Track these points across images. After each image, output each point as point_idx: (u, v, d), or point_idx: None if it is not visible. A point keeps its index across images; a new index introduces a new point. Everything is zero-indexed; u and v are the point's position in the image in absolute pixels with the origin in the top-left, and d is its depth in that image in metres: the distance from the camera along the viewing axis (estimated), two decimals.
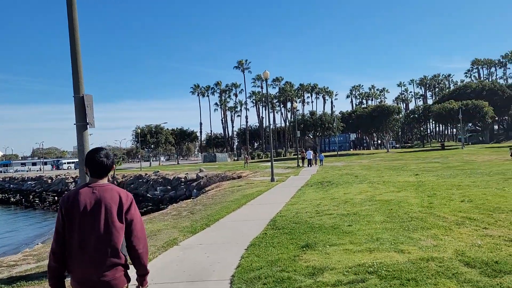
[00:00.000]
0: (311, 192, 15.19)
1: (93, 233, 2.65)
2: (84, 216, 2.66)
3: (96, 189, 2.73)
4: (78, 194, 2.73)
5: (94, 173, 2.81)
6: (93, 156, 2.81)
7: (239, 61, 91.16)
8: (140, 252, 2.76)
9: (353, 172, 26.48)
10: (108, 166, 2.83)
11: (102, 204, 2.67)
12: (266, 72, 23.40)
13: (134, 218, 2.76)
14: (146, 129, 74.51)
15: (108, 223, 2.66)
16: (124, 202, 2.73)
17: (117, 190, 2.80)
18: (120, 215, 2.71)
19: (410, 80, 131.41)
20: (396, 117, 70.53)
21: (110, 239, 2.66)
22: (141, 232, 2.80)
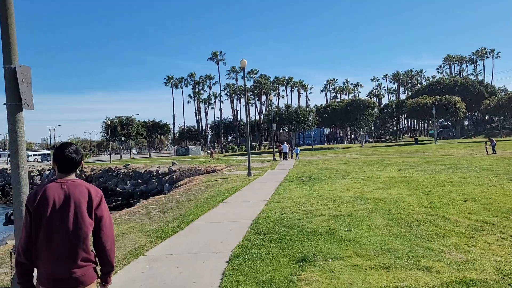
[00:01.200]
0: (293, 189, 14.05)
1: (62, 229, 2.60)
2: (53, 212, 2.60)
3: (64, 184, 2.69)
4: (46, 190, 2.68)
5: (62, 169, 2.75)
6: (62, 151, 2.74)
7: (214, 53, 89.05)
8: (108, 249, 2.72)
9: (332, 166, 25.58)
10: (77, 162, 2.78)
11: (71, 200, 2.63)
12: (243, 60, 22.07)
13: (103, 215, 2.74)
14: (117, 120, 71.71)
15: (78, 219, 2.62)
16: (93, 198, 2.70)
17: (86, 185, 2.75)
18: (89, 211, 2.66)
19: (384, 75, 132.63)
20: (371, 112, 70.45)
21: (79, 235, 2.62)
22: (110, 229, 2.77)
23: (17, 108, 4.49)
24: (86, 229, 2.64)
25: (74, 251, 2.62)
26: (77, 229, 2.62)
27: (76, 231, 2.62)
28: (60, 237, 2.60)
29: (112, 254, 2.77)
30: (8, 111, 4.50)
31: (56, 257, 2.61)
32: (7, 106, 4.49)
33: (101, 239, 2.71)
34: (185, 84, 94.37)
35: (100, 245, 2.72)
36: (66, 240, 2.61)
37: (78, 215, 2.62)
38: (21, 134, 4.53)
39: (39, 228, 2.61)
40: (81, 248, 2.64)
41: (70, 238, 2.61)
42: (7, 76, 4.48)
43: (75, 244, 2.62)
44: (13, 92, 4.46)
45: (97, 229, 2.71)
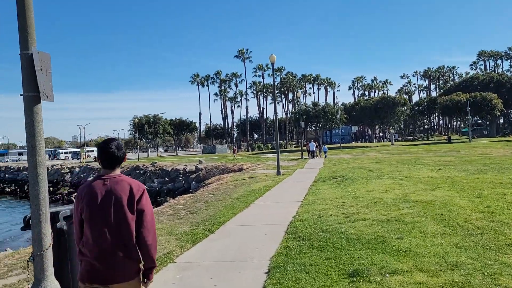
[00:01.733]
0: (327, 189, 13.30)
1: (105, 225, 2.64)
2: (96, 208, 2.66)
3: (107, 180, 2.74)
4: (91, 186, 2.74)
5: (105, 164, 2.81)
6: (105, 147, 2.81)
7: (240, 50, 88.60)
8: (149, 244, 2.68)
9: (364, 165, 24.61)
10: (119, 157, 2.82)
11: (113, 196, 2.67)
12: (272, 55, 21.40)
13: (144, 210, 2.71)
14: (144, 119, 72.31)
15: (119, 215, 2.65)
16: (135, 193, 2.70)
17: (128, 181, 2.77)
18: (131, 206, 2.67)
19: (414, 72, 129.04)
20: (402, 109, 68.39)
21: (121, 230, 2.64)
22: (151, 224, 2.73)
23: (34, 100, 3.99)
24: (127, 225, 2.65)
25: (117, 246, 2.63)
26: (118, 224, 2.65)
27: (118, 227, 2.65)
28: (102, 233, 2.64)
29: (153, 250, 2.73)
30: (24, 103, 4.00)
31: (99, 252, 2.63)
32: (23, 97, 3.99)
33: (142, 234, 2.68)
34: (211, 82, 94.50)
35: (141, 240, 2.68)
36: (108, 236, 2.64)
37: (119, 210, 2.66)
38: (39, 129, 4.02)
39: (87, 223, 2.69)
40: (124, 244, 2.65)
41: (112, 234, 2.64)
42: (23, 64, 3.98)
43: (117, 239, 2.64)
44: (30, 81, 3.96)
45: (138, 224, 2.69)
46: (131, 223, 2.67)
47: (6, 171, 70.74)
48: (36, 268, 3.86)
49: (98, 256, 2.63)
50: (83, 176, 53.83)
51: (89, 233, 2.67)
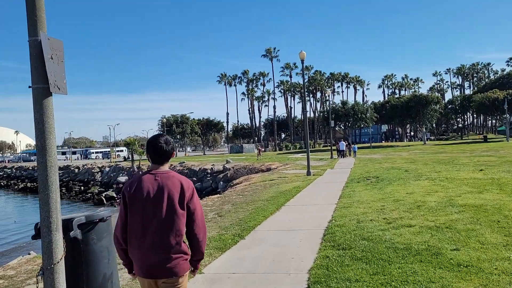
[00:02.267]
0: (363, 191, 12.53)
1: (155, 219, 2.65)
2: (147, 202, 2.68)
3: (158, 176, 2.74)
4: (141, 180, 2.74)
5: (154, 159, 2.82)
6: (153, 142, 2.82)
7: (267, 49, 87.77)
8: (200, 240, 2.75)
9: (398, 165, 23.56)
10: (168, 152, 2.82)
11: (165, 191, 2.68)
12: (302, 52, 20.70)
13: (195, 207, 2.75)
14: (172, 119, 72.78)
15: (171, 209, 2.66)
16: (185, 190, 2.72)
17: (178, 177, 2.78)
18: (181, 203, 2.69)
19: (447, 70, 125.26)
20: (435, 107, 66.02)
21: (172, 226, 2.65)
22: (202, 221, 2.79)
23: (44, 93, 3.50)
24: (179, 221, 2.66)
25: (168, 241, 2.64)
26: (170, 220, 2.65)
27: (169, 222, 2.65)
28: (152, 226, 2.65)
29: (203, 245, 2.78)
30: (33, 96, 3.51)
31: (150, 247, 2.64)
32: (32, 89, 3.52)
33: (194, 231, 2.72)
34: (238, 81, 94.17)
35: (192, 236, 2.73)
36: (158, 230, 2.64)
37: (171, 206, 2.66)
38: (49, 125, 3.54)
39: (133, 217, 2.69)
40: (174, 239, 2.65)
41: (164, 228, 2.64)
42: (32, 52, 3.50)
43: (168, 234, 2.64)
44: (39, 71, 3.48)
45: (190, 221, 2.72)
46: (182, 219, 2.68)
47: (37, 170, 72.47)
48: (46, 283, 3.38)
49: (150, 251, 2.65)
50: (112, 175, 54.54)
51: (140, 228, 2.68)
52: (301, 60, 20.84)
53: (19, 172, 78.32)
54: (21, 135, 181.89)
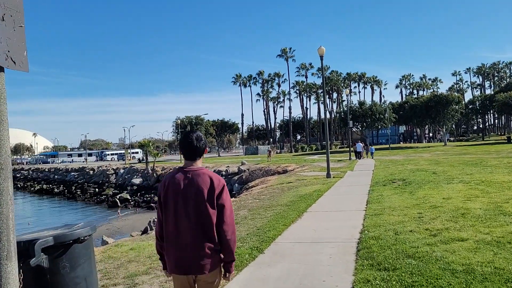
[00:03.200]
0: (391, 195, 11.38)
1: (187, 217, 2.67)
2: (177, 200, 2.69)
3: (189, 173, 2.74)
4: (174, 178, 2.75)
5: (187, 155, 2.82)
6: (185, 139, 2.83)
7: (283, 49, 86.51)
8: (228, 238, 2.70)
9: (423, 167, 22.25)
10: (199, 148, 2.81)
11: (194, 188, 2.68)
12: (321, 48, 19.60)
13: (225, 204, 2.71)
14: (187, 120, 72.13)
15: (201, 207, 2.66)
16: (215, 187, 2.69)
17: (209, 174, 2.76)
18: (211, 200, 2.67)
19: (466, 69, 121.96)
20: (455, 107, 63.89)
21: (202, 223, 2.66)
22: (231, 218, 2.74)
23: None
24: (208, 217, 2.66)
25: (198, 238, 2.65)
26: (200, 217, 2.66)
27: (199, 219, 2.66)
28: (185, 224, 2.67)
29: (232, 244, 2.73)
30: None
31: (181, 245, 2.67)
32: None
33: (222, 228, 2.68)
34: (253, 82, 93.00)
35: (221, 234, 2.69)
36: (190, 227, 2.66)
37: (200, 203, 2.66)
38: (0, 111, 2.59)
39: (166, 215, 2.72)
40: (205, 236, 2.66)
41: (194, 225, 2.66)
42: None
43: (199, 231, 2.66)
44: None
45: (219, 217, 2.69)
46: (212, 216, 2.66)
47: (55, 172, 73.00)
48: None
49: (181, 247, 2.65)
50: (127, 177, 54.13)
51: (172, 224, 2.69)
52: (320, 56, 19.73)
53: (35, 174, 78.95)
54: (39, 137, 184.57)
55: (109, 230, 26.49)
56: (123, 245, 7.40)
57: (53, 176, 71.06)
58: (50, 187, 60.53)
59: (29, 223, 29.84)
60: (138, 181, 49.96)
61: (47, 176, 72.67)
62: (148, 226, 20.38)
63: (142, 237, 8.89)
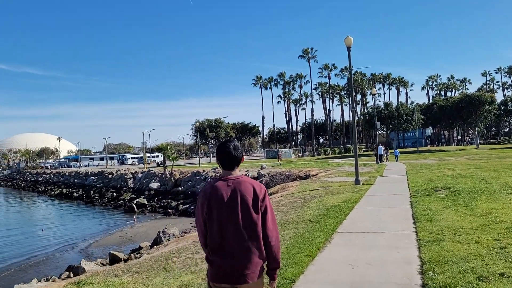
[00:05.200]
0: (443, 209, 9.05)
1: (231, 226, 2.63)
2: (221, 209, 2.65)
3: (230, 181, 2.72)
4: (215, 187, 2.72)
5: (225, 165, 2.80)
6: (222, 148, 2.82)
7: (304, 50, 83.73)
8: (273, 244, 2.67)
9: (464, 172, 19.66)
10: (236, 157, 2.82)
11: (238, 196, 2.66)
12: (348, 37, 17.34)
13: (268, 210, 2.71)
14: (206, 123, 70.41)
15: (245, 215, 2.64)
16: (258, 194, 2.69)
17: (250, 181, 2.79)
18: (255, 207, 2.66)
19: (497, 69, 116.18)
20: (488, 108, 60.07)
21: (247, 231, 2.63)
22: (274, 224, 2.73)
23: None
24: (254, 225, 2.63)
25: (245, 247, 2.61)
26: (245, 225, 2.62)
27: (245, 227, 2.62)
28: (229, 233, 2.62)
29: (277, 250, 2.70)
30: None
31: (226, 254, 2.62)
32: None
33: (266, 234, 2.66)
34: (274, 84, 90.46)
35: (265, 241, 2.66)
36: (235, 237, 2.61)
37: (245, 211, 2.63)
38: None
39: (210, 225, 2.68)
40: (252, 244, 2.62)
41: (239, 234, 2.61)
42: None
43: (245, 240, 2.61)
44: None
45: (262, 224, 2.67)
46: (258, 223, 2.65)
47: (75, 176, 72.65)
48: None
49: (227, 256, 2.63)
50: (145, 181, 52.82)
51: (216, 234, 2.67)
52: (347, 47, 17.46)
53: (56, 177, 78.85)
54: (63, 141, 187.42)
55: (122, 238, 25.06)
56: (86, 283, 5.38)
57: (73, 180, 70.75)
58: (69, 191, 60.06)
59: (42, 230, 28.94)
60: (156, 185, 48.55)
61: (67, 180, 72.43)
62: (158, 237, 18.56)
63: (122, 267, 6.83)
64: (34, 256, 21.45)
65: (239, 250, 2.61)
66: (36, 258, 21.11)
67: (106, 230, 28.42)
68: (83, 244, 24.34)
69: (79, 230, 28.49)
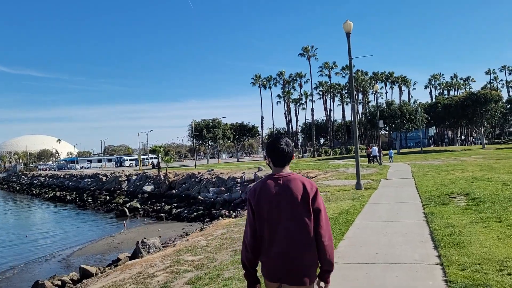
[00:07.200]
0: (470, 225, 7.02)
1: (281, 225, 2.57)
2: (271, 207, 2.60)
3: (280, 179, 2.66)
4: (265, 185, 2.68)
5: (276, 161, 2.73)
6: (274, 144, 2.74)
7: (304, 48, 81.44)
8: (326, 244, 2.56)
9: (477, 174, 17.64)
10: (289, 153, 2.74)
11: (288, 195, 2.60)
12: (348, 22, 15.29)
13: (320, 208, 2.62)
14: (203, 123, 68.20)
15: (295, 214, 2.58)
16: (309, 192, 2.62)
17: (301, 179, 2.69)
18: (306, 205, 2.59)
19: (501, 67, 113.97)
20: (495, 106, 57.78)
21: (300, 231, 2.55)
22: (327, 223, 2.63)
23: None
24: (304, 224, 2.55)
25: (297, 247, 2.53)
26: (295, 224, 2.56)
27: (294, 227, 2.55)
28: (279, 232, 2.56)
29: (330, 251, 2.59)
30: None
31: (277, 253, 2.55)
32: None
33: (319, 233, 2.56)
34: (274, 83, 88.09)
35: (318, 240, 2.56)
36: (285, 236, 2.54)
37: (294, 210, 2.57)
38: None
39: (260, 224, 2.60)
40: (304, 244, 2.53)
41: (289, 233, 2.55)
42: None
43: (294, 239, 2.53)
44: None
45: (315, 223, 2.58)
46: (309, 222, 2.55)
47: (70, 178, 71.01)
48: None
49: (279, 256, 2.54)
50: (139, 184, 50.98)
51: (267, 233, 2.58)
52: (346, 34, 15.41)
53: (51, 180, 77.14)
54: (63, 143, 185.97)
55: (107, 246, 23.37)
56: None
57: (67, 182, 69.14)
58: (63, 194, 58.48)
59: (27, 236, 27.54)
60: (150, 188, 46.73)
61: (62, 183, 70.82)
62: (137, 248, 16.65)
63: None
64: (11, 268, 19.70)
65: (291, 250, 2.51)
66: (10, 271, 19.34)
67: (93, 236, 26.73)
68: (66, 252, 22.67)
69: (66, 237, 27.06)
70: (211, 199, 34.85)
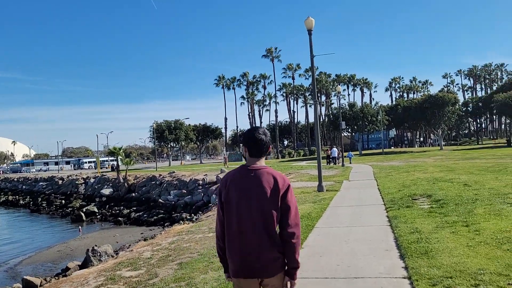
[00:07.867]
0: (436, 230, 6.54)
1: (249, 217, 2.53)
2: (240, 199, 2.56)
3: (253, 171, 2.61)
4: (235, 176, 2.64)
5: (252, 151, 2.67)
6: (252, 134, 2.69)
7: (268, 49, 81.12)
8: (293, 241, 2.52)
9: (438, 175, 17.62)
10: (266, 143, 2.70)
11: (258, 188, 2.55)
12: (309, 19, 14.79)
13: (290, 205, 2.56)
14: (165, 124, 66.46)
15: (263, 207, 2.52)
16: (280, 187, 2.55)
17: (273, 173, 2.62)
18: (275, 200, 2.52)
19: (457, 71, 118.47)
20: (453, 109, 59.63)
21: (266, 225, 2.51)
22: (295, 220, 2.57)
23: None
24: (271, 219, 2.51)
25: (261, 240, 2.49)
26: (262, 218, 2.51)
27: (262, 220, 2.51)
28: (247, 225, 2.52)
29: (297, 248, 2.54)
30: None
31: (244, 246, 2.51)
32: None
33: (286, 231, 2.51)
34: (237, 84, 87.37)
35: (284, 237, 2.52)
36: (252, 229, 2.50)
37: (263, 204, 2.51)
38: None
39: (229, 215, 2.57)
40: (268, 237, 2.50)
41: (256, 227, 2.50)
42: None
43: (262, 233, 2.50)
44: None
45: (282, 220, 2.54)
46: (274, 217, 2.50)
47: (24, 182, 67.47)
48: None
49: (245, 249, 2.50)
50: (97, 187, 48.88)
51: (234, 225, 2.54)
52: (308, 31, 14.91)
53: (3, 184, 73.04)
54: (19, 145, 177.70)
55: (60, 253, 21.79)
56: None
57: (21, 186, 65.58)
58: (16, 198, 55.33)
59: None
60: (108, 191, 44.80)
61: (15, 186, 67.10)
62: (87, 256, 15.49)
63: None
64: None
65: (257, 243, 2.46)
66: None
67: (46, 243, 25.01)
68: (14, 261, 20.94)
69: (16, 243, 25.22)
70: (172, 202, 33.67)
